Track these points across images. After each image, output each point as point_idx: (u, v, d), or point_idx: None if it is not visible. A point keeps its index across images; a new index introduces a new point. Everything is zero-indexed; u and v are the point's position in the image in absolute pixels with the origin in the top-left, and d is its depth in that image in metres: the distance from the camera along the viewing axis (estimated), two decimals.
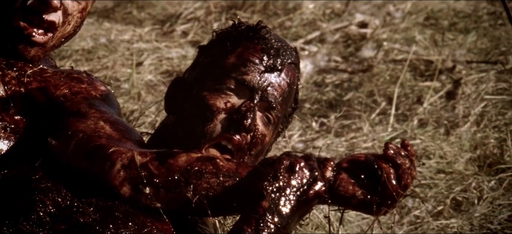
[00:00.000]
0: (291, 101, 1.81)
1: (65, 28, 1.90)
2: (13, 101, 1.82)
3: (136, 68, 3.46)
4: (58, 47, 1.96)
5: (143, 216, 1.61)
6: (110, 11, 3.99)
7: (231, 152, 1.73)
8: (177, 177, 1.58)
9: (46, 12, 1.84)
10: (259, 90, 1.74)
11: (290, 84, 1.77)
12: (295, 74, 1.79)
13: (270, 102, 1.74)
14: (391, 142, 1.59)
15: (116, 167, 1.61)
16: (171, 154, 1.61)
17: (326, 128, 3.16)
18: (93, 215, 1.60)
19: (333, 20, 3.74)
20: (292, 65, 1.77)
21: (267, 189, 1.55)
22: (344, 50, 3.60)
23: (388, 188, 1.56)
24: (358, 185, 1.58)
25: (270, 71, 1.74)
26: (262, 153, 1.79)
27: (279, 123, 1.79)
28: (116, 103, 1.93)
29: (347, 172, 1.59)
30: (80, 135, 1.68)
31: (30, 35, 1.85)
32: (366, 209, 1.59)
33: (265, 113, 1.75)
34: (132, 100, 3.33)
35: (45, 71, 1.91)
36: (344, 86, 3.37)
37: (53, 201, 1.62)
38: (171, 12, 3.96)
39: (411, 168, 1.58)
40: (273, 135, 1.79)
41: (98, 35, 3.72)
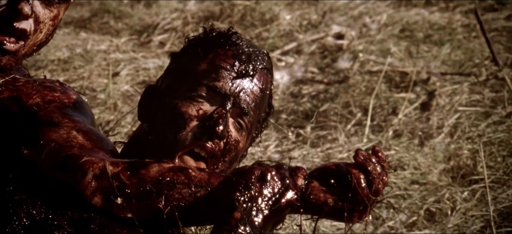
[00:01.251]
0: (265, 106, 1.80)
1: (37, 36, 1.89)
2: None
3: (112, 78, 3.45)
4: (30, 55, 1.95)
5: (119, 228, 1.60)
6: (86, 21, 3.98)
7: (205, 159, 1.72)
8: (148, 188, 1.58)
9: (17, 20, 1.83)
10: (231, 96, 1.73)
11: (263, 90, 1.76)
12: (267, 79, 1.78)
13: (242, 109, 1.74)
14: (361, 149, 1.59)
15: (88, 177, 1.60)
16: (143, 164, 1.61)
17: (302, 139, 3.16)
18: (68, 228, 1.59)
19: (310, 31, 3.76)
20: (264, 70, 1.77)
21: (239, 200, 1.55)
22: (320, 61, 3.62)
23: (359, 193, 1.56)
24: (330, 193, 1.58)
25: (242, 77, 1.74)
26: (237, 159, 1.78)
27: (252, 129, 1.78)
28: (90, 112, 1.93)
29: (319, 180, 1.59)
30: (52, 145, 1.67)
31: (1, 43, 1.84)
32: (338, 216, 1.59)
33: (237, 119, 1.75)
34: (108, 111, 3.31)
35: (18, 80, 1.90)
36: (320, 97, 3.38)
37: (28, 214, 1.61)
38: (148, 23, 3.96)
39: (382, 173, 1.58)
40: (247, 140, 1.79)
41: (74, 45, 3.71)
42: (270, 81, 1.80)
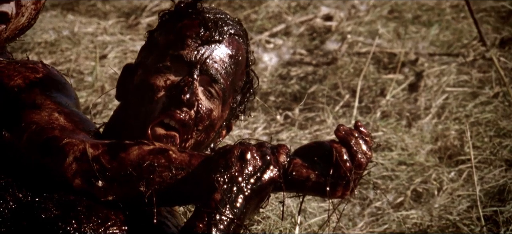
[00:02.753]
0: (240, 74, 1.76)
1: (18, 20, 1.87)
2: None
3: (100, 61, 3.43)
4: (13, 40, 1.93)
5: (106, 210, 1.59)
6: (74, 3, 3.96)
7: (176, 129, 1.70)
8: (129, 171, 1.57)
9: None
10: (197, 63, 1.70)
11: (234, 56, 1.73)
12: (239, 46, 1.74)
13: (210, 75, 1.70)
14: (343, 124, 1.58)
15: (69, 159, 1.59)
16: (122, 147, 1.59)
17: (290, 121, 3.16)
18: (55, 210, 1.58)
19: (298, 13, 3.74)
20: (234, 36, 1.73)
21: (218, 181, 1.53)
22: (309, 43, 3.61)
23: (341, 167, 1.55)
24: (312, 168, 1.56)
25: (208, 44, 1.70)
26: (213, 128, 1.75)
27: (227, 97, 1.74)
28: (73, 93, 1.91)
29: (301, 157, 1.58)
30: (33, 127, 1.65)
31: None
32: (320, 191, 1.57)
33: (207, 87, 1.71)
34: (95, 93, 3.30)
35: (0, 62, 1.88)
36: (309, 79, 3.37)
37: (14, 197, 1.60)
38: (136, 5, 3.94)
39: (365, 147, 1.57)
40: (224, 109, 1.75)
41: (62, 27, 3.69)
42: (244, 48, 1.76)
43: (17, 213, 1.58)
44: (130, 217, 1.62)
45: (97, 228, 1.57)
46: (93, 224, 1.57)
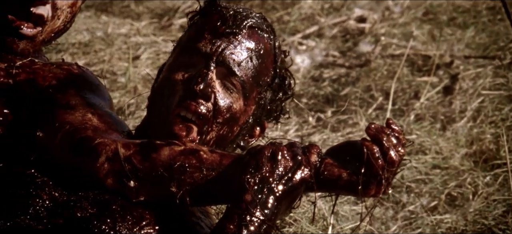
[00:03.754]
0: (264, 69, 1.73)
1: (54, 23, 1.89)
2: (1, 93, 1.80)
3: (133, 62, 3.45)
4: (49, 43, 1.95)
5: (141, 209, 1.60)
6: (107, 4, 3.98)
7: (194, 122, 1.68)
8: (160, 172, 1.57)
9: (33, 5, 1.84)
10: (212, 55, 1.68)
11: (254, 49, 1.70)
12: (261, 39, 1.71)
13: (227, 67, 1.68)
14: (374, 122, 1.56)
15: (101, 159, 1.60)
16: (154, 147, 1.59)
17: (322, 123, 3.14)
18: (91, 209, 1.59)
19: (332, 14, 3.72)
20: (255, 29, 1.71)
21: (249, 182, 1.52)
22: (342, 45, 3.59)
23: (373, 165, 1.53)
24: (344, 167, 1.55)
25: (225, 36, 1.69)
26: (237, 122, 1.72)
27: (249, 91, 1.71)
28: (107, 95, 1.92)
29: (332, 156, 1.57)
30: (66, 127, 1.67)
31: (18, 28, 1.85)
32: (353, 190, 1.56)
33: (225, 79, 1.69)
34: (128, 94, 3.32)
35: (35, 63, 1.90)
36: (342, 81, 3.35)
37: (50, 196, 1.62)
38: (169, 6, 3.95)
39: (397, 144, 1.55)
40: (247, 103, 1.72)
41: (95, 28, 3.71)
42: (268, 42, 1.73)
43: (53, 211, 1.60)
44: (164, 217, 1.62)
45: (132, 227, 1.57)
46: (128, 223, 1.58)
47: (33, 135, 1.71)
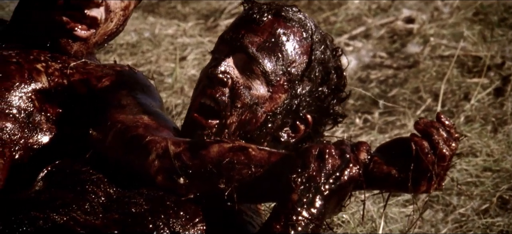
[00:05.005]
0: (293, 58, 1.70)
1: (107, 25, 1.91)
2: (56, 92, 1.83)
3: (179, 62, 3.47)
4: (102, 45, 1.97)
5: (194, 206, 1.61)
6: (154, 6, 4.01)
7: (213, 108, 1.67)
8: (209, 168, 1.57)
9: (88, 7, 1.86)
10: (232, 42, 1.67)
11: (278, 36, 1.68)
12: (288, 27, 1.69)
13: (247, 53, 1.67)
14: (423, 117, 1.54)
15: (151, 156, 1.61)
16: (203, 144, 1.60)
17: (369, 124, 3.12)
18: (145, 205, 1.60)
19: (379, 15, 3.69)
20: (280, 17, 1.69)
21: (296, 181, 1.51)
22: (389, 46, 3.56)
23: (423, 160, 1.50)
24: (393, 164, 1.53)
25: (248, 23, 1.68)
26: (260, 108, 1.69)
27: (274, 78, 1.69)
28: (158, 96, 1.94)
29: (381, 153, 1.54)
30: (118, 126, 1.69)
31: (72, 29, 1.87)
32: (403, 187, 1.53)
33: (244, 65, 1.68)
34: (175, 95, 3.34)
35: (88, 64, 1.92)
36: (389, 82, 3.32)
37: (105, 192, 1.64)
38: (215, 7, 3.96)
39: (448, 139, 1.51)
40: (274, 91, 1.69)
41: (143, 29, 3.74)
42: (297, 31, 1.70)
43: (108, 207, 1.61)
44: (216, 215, 1.62)
45: (185, 224, 1.58)
46: (181, 219, 1.59)
47: (87, 133, 1.73)
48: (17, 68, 1.82)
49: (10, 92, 1.79)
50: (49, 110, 1.82)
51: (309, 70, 1.71)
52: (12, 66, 1.82)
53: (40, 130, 1.81)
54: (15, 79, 1.81)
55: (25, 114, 1.80)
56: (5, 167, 1.76)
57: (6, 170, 1.76)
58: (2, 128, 1.76)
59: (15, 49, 1.88)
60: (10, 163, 1.76)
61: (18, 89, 1.80)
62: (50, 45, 1.89)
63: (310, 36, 1.71)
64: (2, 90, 1.78)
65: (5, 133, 1.76)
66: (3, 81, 1.79)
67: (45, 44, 1.89)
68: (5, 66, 1.81)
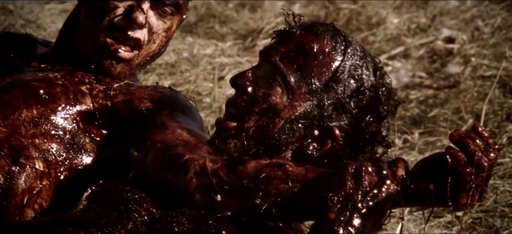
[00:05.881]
0: (318, 67, 1.70)
1: (150, 47, 1.93)
2: (99, 114, 1.85)
3: (218, 82, 3.48)
4: (144, 66, 1.99)
5: (236, 224, 1.60)
6: (193, 26, 4.04)
7: (233, 114, 1.73)
8: (246, 184, 1.57)
9: (131, 29, 1.87)
10: (262, 53, 1.75)
11: (303, 46, 1.69)
12: (315, 39, 1.70)
13: (270, 61, 1.71)
14: (458, 129, 1.51)
15: (189, 174, 1.61)
16: (240, 161, 1.60)
17: (409, 145, 3.09)
18: (188, 224, 1.60)
19: (418, 35, 3.67)
20: (309, 30, 1.71)
21: (332, 199, 1.48)
22: (429, 65, 3.53)
23: (460, 173, 1.47)
24: (431, 179, 1.49)
25: (278, 36, 1.73)
26: (278, 114, 1.70)
27: (292, 84, 1.70)
28: (199, 118, 1.95)
29: (419, 169, 1.51)
30: (158, 145, 1.70)
31: (116, 51, 1.89)
32: (442, 202, 1.50)
33: (267, 74, 1.73)
34: (213, 114, 3.34)
35: (131, 85, 1.94)
36: (429, 103, 3.29)
37: (148, 211, 1.64)
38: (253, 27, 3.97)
39: (486, 148, 1.48)
40: (291, 97, 1.70)
41: (181, 49, 3.76)
42: (326, 42, 1.71)
43: (152, 226, 1.62)
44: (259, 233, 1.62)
45: None
46: None
47: (129, 153, 1.74)
48: (62, 90, 1.84)
49: (56, 114, 1.81)
50: (93, 131, 1.84)
51: (334, 82, 1.71)
52: (58, 88, 1.84)
53: (84, 150, 1.82)
54: (61, 101, 1.83)
55: (70, 135, 1.82)
56: (51, 188, 1.78)
57: (52, 190, 1.78)
58: (48, 149, 1.78)
59: (60, 71, 1.91)
60: (55, 184, 1.78)
61: (63, 111, 1.82)
62: (94, 67, 1.91)
63: (342, 49, 1.71)
64: (48, 112, 1.81)
65: (51, 154, 1.78)
66: (49, 103, 1.81)
67: (90, 66, 1.91)
68: (51, 88, 1.83)
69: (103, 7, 1.87)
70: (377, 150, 1.74)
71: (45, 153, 1.77)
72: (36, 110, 1.80)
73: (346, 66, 1.71)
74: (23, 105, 1.79)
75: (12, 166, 1.72)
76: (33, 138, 1.77)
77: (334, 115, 1.71)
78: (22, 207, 1.74)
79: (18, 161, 1.73)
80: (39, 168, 1.76)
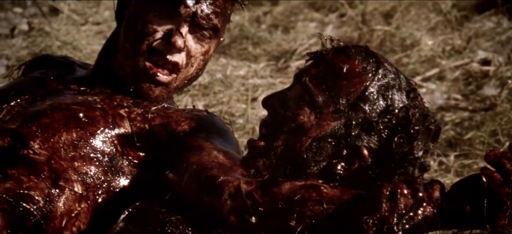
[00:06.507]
0: (347, 87, 1.71)
1: (188, 70, 1.94)
2: (137, 137, 1.86)
3: (251, 103, 3.48)
4: (181, 89, 2.00)
5: None
6: (226, 47, 4.05)
7: (263, 134, 1.76)
8: (280, 205, 1.56)
9: (170, 53, 1.89)
10: (295, 75, 1.78)
11: (333, 67, 1.71)
12: (346, 60, 1.71)
13: (300, 81, 1.73)
14: (493, 149, 1.49)
15: (224, 196, 1.61)
16: (275, 182, 1.60)
17: (445, 167, 3.06)
18: None
19: (453, 57, 3.64)
20: (341, 53, 1.72)
21: (367, 222, 1.47)
22: (464, 88, 3.50)
23: (497, 193, 1.45)
24: (467, 201, 1.48)
25: (311, 59, 1.76)
26: (305, 133, 1.71)
27: (323, 104, 1.71)
28: (235, 141, 1.95)
29: (455, 190, 1.50)
30: (194, 167, 1.71)
31: (155, 75, 1.90)
32: (479, 223, 1.48)
33: (298, 94, 1.75)
34: (246, 135, 3.35)
35: (168, 109, 1.95)
36: (465, 125, 3.26)
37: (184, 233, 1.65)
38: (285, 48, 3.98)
39: None
40: (319, 116, 1.71)
41: (214, 70, 3.78)
42: (357, 63, 1.71)
43: None
44: None
45: None
46: None
47: (165, 175, 1.75)
48: (101, 114, 1.86)
49: (95, 137, 1.83)
50: (130, 154, 1.85)
51: (362, 101, 1.70)
52: (97, 112, 1.86)
53: (122, 173, 1.83)
54: (100, 125, 1.84)
55: (108, 158, 1.83)
56: (89, 210, 1.79)
57: (90, 213, 1.79)
58: (87, 172, 1.79)
59: (99, 95, 1.92)
60: (93, 206, 1.79)
61: (102, 134, 1.84)
62: (133, 90, 1.92)
63: (372, 70, 1.71)
64: (88, 135, 1.82)
65: (89, 177, 1.80)
66: (88, 127, 1.83)
67: (128, 89, 1.93)
68: (90, 112, 1.85)
69: (143, 31, 1.89)
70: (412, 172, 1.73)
71: (84, 176, 1.79)
72: (76, 133, 1.81)
73: (376, 86, 1.71)
74: (63, 128, 1.80)
75: (52, 188, 1.74)
76: (73, 161, 1.79)
77: (362, 135, 1.71)
78: (60, 229, 1.75)
79: (58, 183, 1.75)
80: (78, 191, 1.77)
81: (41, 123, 1.80)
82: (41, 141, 1.78)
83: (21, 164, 1.73)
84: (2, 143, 1.76)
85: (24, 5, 4.51)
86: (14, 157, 1.74)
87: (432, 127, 1.75)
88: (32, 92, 1.92)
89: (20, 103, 1.89)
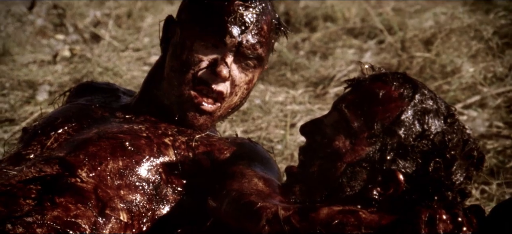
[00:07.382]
0: (381, 113, 1.71)
1: (232, 99, 1.95)
2: (181, 165, 1.87)
3: (289, 129, 3.48)
4: (225, 118, 2.01)
5: None
6: (264, 73, 4.06)
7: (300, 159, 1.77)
8: (318, 230, 1.56)
9: (215, 82, 1.90)
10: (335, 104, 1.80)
11: (368, 93, 1.73)
12: (382, 86, 1.73)
13: (336, 108, 1.76)
14: None
15: (262, 222, 1.62)
16: (313, 208, 1.60)
17: (487, 196, 3.01)
18: None
19: (495, 84, 3.60)
20: (377, 80, 1.74)
21: None
22: (506, 115, 3.45)
23: None
24: (508, 224, 1.48)
25: (350, 86, 1.78)
26: (340, 158, 1.72)
27: (357, 130, 1.71)
28: (276, 168, 1.95)
29: (495, 215, 1.50)
30: (233, 193, 1.71)
31: (200, 104, 1.91)
32: None
33: (335, 120, 1.76)
34: (285, 162, 3.34)
35: (211, 137, 1.96)
36: (507, 153, 3.21)
37: None
38: (324, 75, 3.97)
39: None
40: (354, 142, 1.71)
41: (253, 96, 3.78)
42: (393, 89, 1.72)
43: None
44: None
45: None
46: None
47: (206, 202, 1.76)
48: (147, 142, 1.87)
49: (140, 165, 1.84)
50: (174, 182, 1.86)
51: (397, 125, 1.70)
52: (142, 141, 1.87)
53: (166, 201, 1.84)
54: (145, 153, 1.85)
55: (153, 186, 1.84)
56: None
57: None
58: (132, 200, 1.81)
59: (144, 123, 1.94)
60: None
61: (147, 162, 1.85)
62: (177, 119, 1.94)
63: (409, 95, 1.71)
64: (133, 164, 1.83)
65: (134, 205, 1.81)
66: (134, 155, 1.84)
67: (173, 117, 1.94)
68: (136, 141, 1.86)
69: (188, 61, 1.90)
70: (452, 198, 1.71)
71: (129, 204, 1.80)
72: (122, 162, 1.82)
73: (412, 110, 1.70)
74: (110, 157, 1.82)
75: (99, 217, 1.75)
76: (118, 189, 1.80)
77: (398, 159, 1.70)
78: None
79: (104, 212, 1.76)
80: (123, 219, 1.78)
81: (88, 151, 1.82)
82: (88, 169, 1.79)
83: (68, 192, 1.75)
84: (50, 171, 1.78)
85: (66, 32, 4.57)
86: (62, 185, 1.76)
87: (474, 153, 1.73)
88: (79, 120, 1.94)
89: (67, 131, 1.91)
